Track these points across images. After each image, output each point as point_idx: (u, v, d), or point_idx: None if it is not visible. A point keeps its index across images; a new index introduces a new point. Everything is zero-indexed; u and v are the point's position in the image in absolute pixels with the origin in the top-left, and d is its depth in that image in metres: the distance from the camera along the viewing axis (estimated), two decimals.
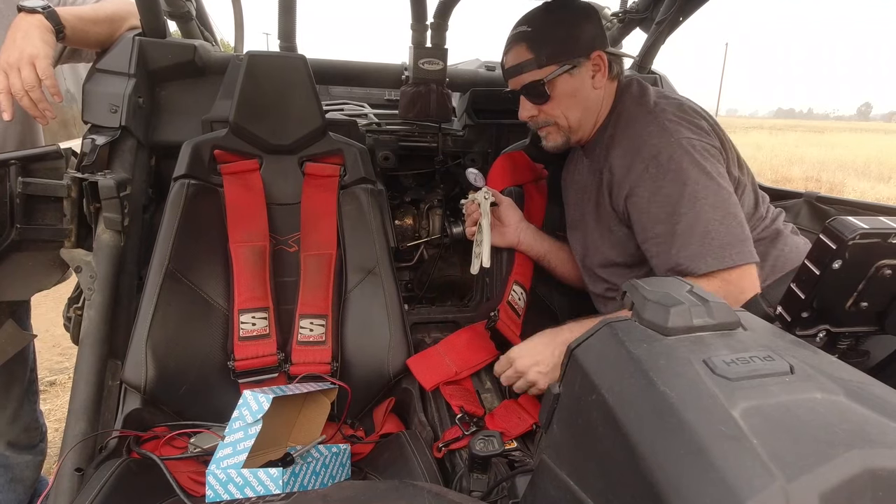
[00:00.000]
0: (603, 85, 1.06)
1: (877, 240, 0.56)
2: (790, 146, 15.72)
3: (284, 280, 1.21)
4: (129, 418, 0.99)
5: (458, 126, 1.68)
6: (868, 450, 0.32)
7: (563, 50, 1.03)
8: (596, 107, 1.08)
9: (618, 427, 0.39)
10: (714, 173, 0.92)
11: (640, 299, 0.47)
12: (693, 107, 1.03)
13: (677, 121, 0.96)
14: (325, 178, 1.28)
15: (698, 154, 0.92)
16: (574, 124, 1.09)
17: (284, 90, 1.20)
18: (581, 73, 1.04)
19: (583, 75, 1.04)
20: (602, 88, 1.06)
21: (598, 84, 1.05)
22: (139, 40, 1.25)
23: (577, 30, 1.03)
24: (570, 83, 1.04)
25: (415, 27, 1.42)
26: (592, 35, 1.04)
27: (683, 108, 1.00)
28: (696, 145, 0.93)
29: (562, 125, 1.10)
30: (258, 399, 0.86)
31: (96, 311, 1.05)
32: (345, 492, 0.53)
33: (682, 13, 1.47)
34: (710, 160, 0.93)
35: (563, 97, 1.05)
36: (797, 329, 0.63)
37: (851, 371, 0.41)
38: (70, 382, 1.09)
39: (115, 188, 1.07)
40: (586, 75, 1.04)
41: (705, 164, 0.91)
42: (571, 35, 1.03)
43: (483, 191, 1.24)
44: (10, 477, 1.32)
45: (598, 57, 1.03)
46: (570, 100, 1.06)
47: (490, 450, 0.84)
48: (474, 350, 1.30)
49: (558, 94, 1.05)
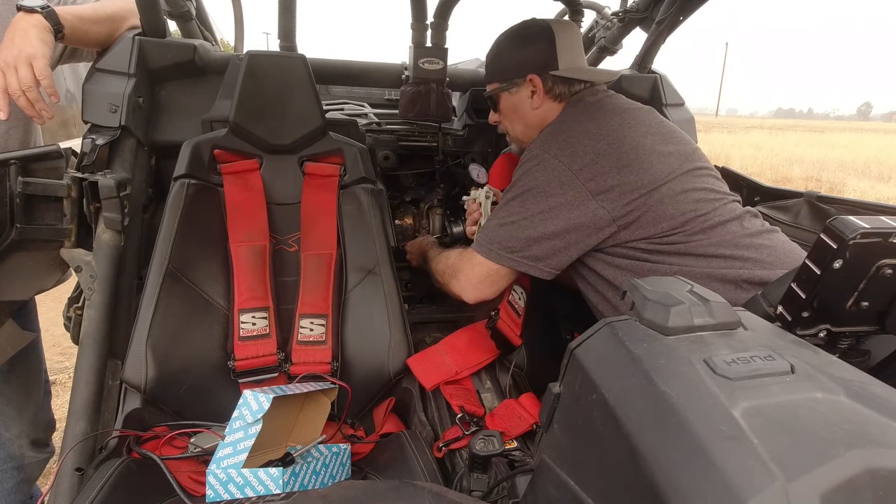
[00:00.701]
0: (541, 104, 1.13)
1: (877, 239, 0.56)
2: (790, 146, 15.71)
3: (284, 280, 1.21)
4: (130, 418, 0.99)
5: (458, 126, 1.68)
6: (869, 450, 0.32)
7: (501, 70, 1.16)
8: (537, 124, 1.15)
9: (618, 427, 0.39)
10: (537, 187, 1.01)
11: (641, 299, 0.47)
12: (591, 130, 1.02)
13: (560, 136, 1.04)
14: (325, 177, 1.28)
15: (542, 165, 1.02)
16: (519, 136, 1.21)
17: (284, 90, 1.20)
18: (520, 93, 1.14)
19: (521, 95, 1.14)
20: (542, 108, 1.13)
21: (536, 104, 1.13)
22: (139, 40, 1.25)
23: (515, 54, 1.13)
24: (510, 100, 1.17)
25: (415, 27, 1.42)
26: (530, 59, 1.11)
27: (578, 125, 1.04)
28: (547, 160, 1.01)
29: (511, 135, 1.24)
30: (258, 399, 0.86)
31: (96, 311, 1.05)
32: (345, 491, 0.53)
33: (683, 13, 1.47)
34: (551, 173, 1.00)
35: (507, 111, 1.19)
36: (798, 328, 0.63)
37: (852, 371, 0.41)
38: (70, 382, 1.09)
39: (115, 188, 1.07)
40: (525, 95, 1.14)
41: (540, 176, 1.01)
42: (511, 58, 1.14)
43: (484, 189, 1.24)
44: (21, 478, 1.33)
45: (533, 79, 1.11)
46: (512, 114, 1.19)
47: (490, 449, 0.84)
48: (475, 349, 1.30)
49: (503, 108, 1.20)
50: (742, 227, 0.99)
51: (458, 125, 1.69)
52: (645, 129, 1.04)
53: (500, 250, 1.04)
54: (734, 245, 0.97)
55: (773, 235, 1.01)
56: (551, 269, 1.03)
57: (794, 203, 1.43)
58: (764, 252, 0.96)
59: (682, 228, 0.97)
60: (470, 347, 1.31)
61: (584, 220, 0.99)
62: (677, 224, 0.97)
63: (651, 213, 0.97)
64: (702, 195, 1.00)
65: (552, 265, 1.03)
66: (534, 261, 1.02)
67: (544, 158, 1.02)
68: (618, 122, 1.03)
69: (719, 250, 0.96)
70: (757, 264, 0.94)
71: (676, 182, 0.99)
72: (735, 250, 0.96)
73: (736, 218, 1.00)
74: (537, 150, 1.04)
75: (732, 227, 0.99)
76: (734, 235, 0.98)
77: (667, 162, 1.00)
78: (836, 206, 1.33)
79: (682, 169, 1.01)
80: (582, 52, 1.17)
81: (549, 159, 1.01)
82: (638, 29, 1.65)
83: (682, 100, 1.68)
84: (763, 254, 0.96)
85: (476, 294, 1.10)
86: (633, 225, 0.98)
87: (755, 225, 1.02)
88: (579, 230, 0.99)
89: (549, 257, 1.02)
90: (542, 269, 1.03)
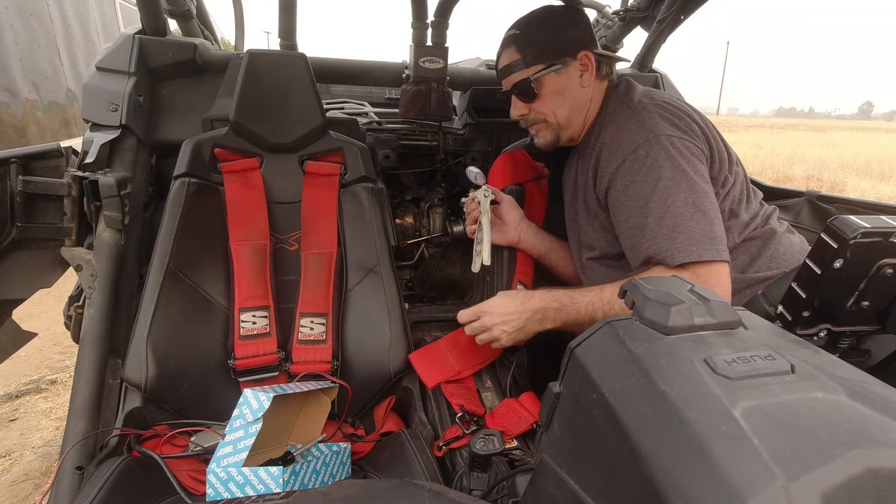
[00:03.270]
0: (591, 84, 1.09)
1: (878, 239, 0.55)
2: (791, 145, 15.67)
3: (285, 279, 1.21)
4: (130, 417, 0.99)
5: (458, 125, 1.68)
6: (870, 449, 0.32)
7: (550, 49, 1.07)
8: (584, 105, 1.10)
9: (618, 426, 0.39)
10: (689, 170, 0.92)
11: (641, 298, 0.47)
12: (678, 105, 1.02)
13: (658, 117, 0.97)
14: (325, 176, 1.28)
15: (675, 150, 0.93)
16: (563, 121, 1.12)
17: (285, 89, 1.20)
18: (568, 72, 1.08)
19: (570, 74, 1.08)
20: (590, 87, 1.09)
21: (587, 83, 1.08)
22: (139, 38, 1.24)
23: (563, 31, 1.08)
24: (557, 81, 1.08)
25: (415, 25, 1.42)
26: (579, 36, 1.07)
27: (666, 105, 1.00)
28: (676, 142, 0.94)
29: (550, 122, 1.13)
30: (258, 397, 0.86)
31: (97, 310, 1.05)
32: (345, 490, 0.53)
33: (684, 12, 1.47)
34: (688, 156, 0.93)
35: (551, 95, 1.09)
36: (798, 328, 0.63)
37: (853, 370, 0.41)
38: (71, 381, 1.09)
39: (115, 186, 1.07)
40: (574, 74, 1.08)
41: (680, 161, 0.92)
42: (558, 35, 1.07)
43: (483, 189, 1.23)
44: None
45: (584, 57, 1.06)
46: (558, 97, 1.10)
47: (490, 449, 0.84)
48: (477, 348, 1.30)
49: (546, 92, 1.09)
50: (767, 224, 1.02)
51: (458, 124, 1.69)
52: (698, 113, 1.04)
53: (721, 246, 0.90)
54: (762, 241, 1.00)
55: (792, 237, 1.05)
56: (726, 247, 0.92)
57: (795, 202, 1.43)
58: (781, 249, 1.00)
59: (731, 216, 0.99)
60: (472, 346, 1.30)
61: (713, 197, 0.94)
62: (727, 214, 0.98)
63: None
64: (739, 190, 1.02)
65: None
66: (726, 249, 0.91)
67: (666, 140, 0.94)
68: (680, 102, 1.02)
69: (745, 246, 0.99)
70: (773, 262, 0.98)
71: (723, 170, 1.00)
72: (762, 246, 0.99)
73: (766, 216, 1.03)
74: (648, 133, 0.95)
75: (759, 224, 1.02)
76: (762, 233, 1.01)
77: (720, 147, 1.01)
78: (837, 206, 1.33)
79: (731, 155, 1.03)
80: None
81: (674, 140, 0.94)
82: (639, 28, 1.64)
83: (683, 99, 1.67)
84: (781, 250, 0.99)
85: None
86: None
87: (781, 224, 1.05)
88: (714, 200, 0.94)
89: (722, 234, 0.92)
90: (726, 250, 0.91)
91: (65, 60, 4.22)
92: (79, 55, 4.44)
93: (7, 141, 3.56)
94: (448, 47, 1.46)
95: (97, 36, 4.79)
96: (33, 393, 2.21)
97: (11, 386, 2.24)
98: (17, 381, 2.27)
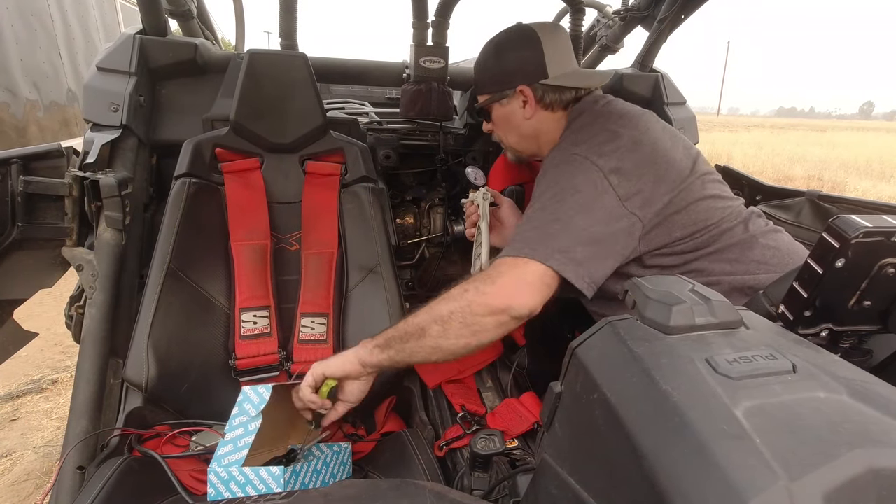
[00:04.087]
0: (534, 115, 1.09)
1: (880, 238, 0.55)
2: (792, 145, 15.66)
3: (285, 279, 1.21)
4: (131, 417, 0.99)
5: (459, 124, 1.68)
6: (872, 449, 0.32)
7: (494, 80, 1.12)
8: (532, 133, 1.12)
9: (619, 426, 0.39)
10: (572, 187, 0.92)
11: (642, 298, 0.47)
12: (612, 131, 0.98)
13: (582, 138, 0.98)
14: (326, 176, 1.28)
15: (572, 166, 0.94)
16: (514, 146, 1.18)
17: (285, 89, 1.20)
18: (511, 104, 1.11)
19: (513, 106, 1.11)
20: (534, 118, 1.10)
21: (528, 114, 1.09)
22: (140, 38, 1.25)
23: (504, 63, 1.10)
24: (501, 111, 1.13)
25: (416, 25, 1.42)
26: (520, 69, 1.07)
27: (595, 127, 0.99)
28: (576, 160, 0.94)
29: (505, 144, 1.21)
30: (258, 391, 0.86)
31: (98, 310, 1.05)
32: (346, 490, 0.53)
33: (684, 11, 1.47)
34: (576, 175, 0.93)
35: (499, 122, 1.16)
36: (800, 328, 0.63)
37: (854, 370, 0.41)
38: (72, 381, 1.09)
39: (116, 186, 1.07)
40: (516, 105, 1.10)
41: (573, 177, 0.93)
42: (499, 68, 1.10)
43: (482, 191, 1.23)
44: None
45: (521, 91, 1.08)
46: (504, 124, 1.15)
47: (491, 449, 0.84)
48: None
49: (495, 119, 1.16)
50: (746, 231, 0.98)
51: (459, 124, 1.68)
52: (655, 133, 1.00)
53: (547, 249, 0.87)
54: (740, 249, 0.96)
55: (777, 236, 1.01)
56: (591, 280, 0.89)
57: (796, 202, 1.43)
58: (768, 254, 0.96)
59: (693, 237, 0.95)
60: None
61: (619, 226, 0.91)
62: (688, 233, 0.95)
63: (668, 221, 0.94)
64: (710, 203, 0.97)
65: (593, 276, 0.90)
66: (576, 265, 0.88)
67: (574, 159, 0.94)
68: (632, 126, 0.98)
69: (725, 255, 0.95)
70: (761, 267, 0.94)
71: (687, 190, 0.96)
72: (741, 254, 0.95)
73: (742, 222, 0.99)
74: (566, 150, 0.97)
75: (738, 232, 0.98)
76: (740, 240, 0.97)
77: (679, 168, 0.97)
78: (838, 205, 1.33)
79: (692, 175, 0.98)
80: (572, 54, 1.12)
81: (581, 160, 0.94)
82: (639, 27, 1.64)
83: (684, 98, 1.67)
84: (767, 255, 0.95)
85: (528, 300, 0.87)
86: (651, 234, 0.94)
87: (759, 226, 1.01)
88: (616, 237, 0.91)
89: (590, 263, 0.89)
90: (583, 279, 0.88)
91: (65, 60, 4.22)
92: (79, 55, 4.44)
93: (8, 141, 3.57)
94: (449, 47, 1.46)
95: (97, 36, 4.80)
96: (34, 393, 2.21)
97: (12, 386, 2.24)
98: (18, 381, 2.28)
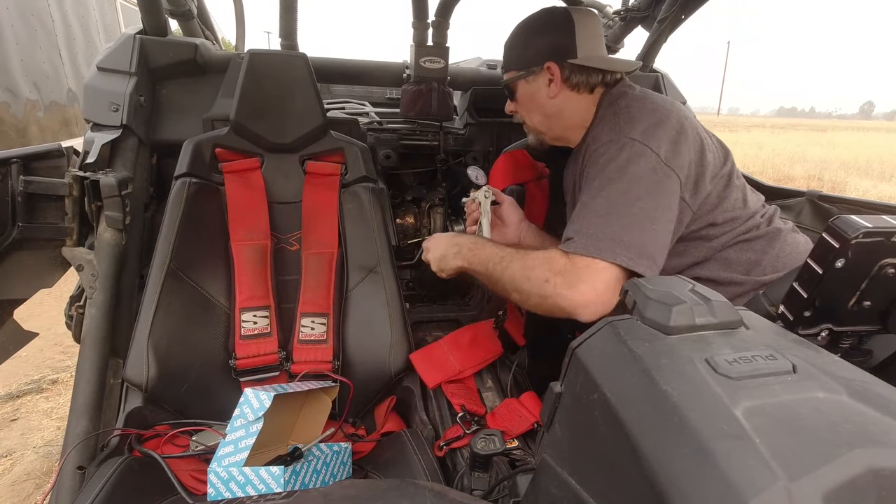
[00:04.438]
0: (559, 94, 1.07)
1: (880, 238, 0.55)
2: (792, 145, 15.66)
3: (286, 279, 1.21)
4: (131, 417, 0.99)
5: (459, 125, 1.68)
6: (871, 449, 0.32)
7: (519, 58, 1.10)
8: (556, 112, 1.10)
9: (619, 426, 0.39)
10: (630, 175, 0.89)
11: (642, 298, 0.47)
12: (661, 114, 0.96)
13: (632, 122, 0.95)
14: (326, 176, 1.28)
15: (628, 153, 0.91)
16: (538, 126, 1.15)
17: (285, 89, 1.20)
18: (537, 81, 1.09)
19: (538, 83, 1.09)
20: (559, 97, 1.07)
21: (553, 93, 1.07)
22: (140, 38, 1.25)
23: (534, 40, 1.08)
24: (526, 89, 1.11)
25: (416, 25, 1.42)
26: (549, 46, 1.06)
27: (645, 112, 0.96)
28: (636, 147, 0.91)
29: (528, 125, 1.17)
30: (259, 397, 0.86)
31: (98, 310, 1.05)
32: (346, 490, 0.53)
33: (684, 11, 1.47)
34: (638, 162, 0.90)
35: (524, 100, 1.13)
36: (800, 328, 0.63)
37: (854, 370, 0.41)
38: (72, 381, 1.09)
39: (116, 186, 1.07)
40: (542, 83, 1.08)
41: (628, 165, 0.90)
42: (528, 44, 1.09)
43: (483, 189, 1.23)
44: None
45: (548, 68, 1.06)
46: (529, 103, 1.13)
47: (491, 449, 0.84)
48: (478, 348, 1.30)
49: (520, 97, 1.13)
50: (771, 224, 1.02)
51: (459, 124, 1.69)
52: (693, 121, 1.00)
53: (627, 252, 0.84)
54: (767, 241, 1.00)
55: (797, 236, 1.04)
56: (658, 269, 0.87)
57: (796, 202, 1.43)
58: (787, 249, 0.99)
59: (730, 224, 0.98)
60: (473, 346, 1.30)
61: (677, 212, 0.90)
62: (726, 219, 0.98)
63: (709, 208, 0.96)
64: (743, 194, 1.01)
65: (660, 265, 0.87)
66: (650, 261, 0.85)
67: (630, 143, 0.90)
68: (676, 112, 0.97)
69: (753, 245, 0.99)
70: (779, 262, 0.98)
71: (725, 178, 0.98)
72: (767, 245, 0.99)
73: (768, 218, 1.03)
74: (616, 135, 0.93)
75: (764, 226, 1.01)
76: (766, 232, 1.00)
77: (716, 159, 0.99)
78: (838, 206, 1.33)
79: (726, 165, 1.01)
80: (602, 42, 1.12)
81: (637, 144, 0.90)
82: (640, 27, 1.64)
83: (684, 98, 1.67)
84: (787, 251, 0.99)
85: (602, 308, 0.84)
86: (693, 223, 0.96)
87: (780, 223, 1.04)
88: (678, 223, 0.91)
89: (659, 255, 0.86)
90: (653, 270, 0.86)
91: (65, 60, 4.22)
92: (79, 55, 4.44)
93: (8, 141, 3.57)
94: (449, 47, 1.46)
95: (98, 36, 4.80)
96: (34, 393, 2.21)
97: (13, 386, 2.24)
98: (18, 381, 2.28)
